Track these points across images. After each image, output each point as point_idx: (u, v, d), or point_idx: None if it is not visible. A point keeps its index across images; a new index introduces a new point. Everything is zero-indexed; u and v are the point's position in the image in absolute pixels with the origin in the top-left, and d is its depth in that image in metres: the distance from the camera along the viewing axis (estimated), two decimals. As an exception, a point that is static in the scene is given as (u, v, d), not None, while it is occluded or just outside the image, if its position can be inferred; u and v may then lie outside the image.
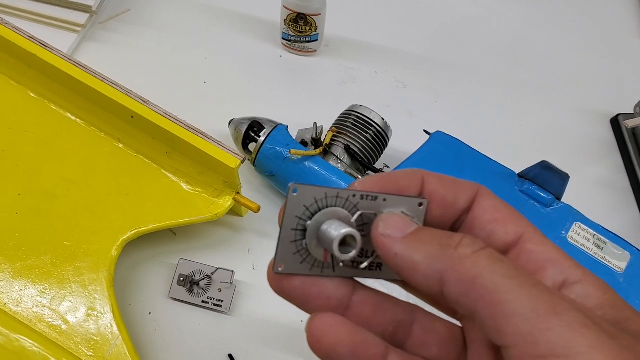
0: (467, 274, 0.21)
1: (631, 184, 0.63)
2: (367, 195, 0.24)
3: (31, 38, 0.51)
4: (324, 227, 0.23)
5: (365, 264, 0.24)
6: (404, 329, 0.25)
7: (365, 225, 0.24)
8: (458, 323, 0.26)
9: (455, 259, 0.21)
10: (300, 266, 0.24)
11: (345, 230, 0.23)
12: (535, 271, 0.23)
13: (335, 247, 0.22)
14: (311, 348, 0.22)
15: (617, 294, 0.23)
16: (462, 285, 0.21)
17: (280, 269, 0.23)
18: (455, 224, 0.24)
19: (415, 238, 0.22)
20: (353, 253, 0.23)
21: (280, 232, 0.23)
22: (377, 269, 0.25)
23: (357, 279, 0.25)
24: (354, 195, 0.24)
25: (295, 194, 0.23)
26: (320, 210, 0.23)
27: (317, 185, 0.23)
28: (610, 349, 0.19)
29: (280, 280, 0.24)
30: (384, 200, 0.24)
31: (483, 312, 0.20)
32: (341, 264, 0.24)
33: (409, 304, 0.25)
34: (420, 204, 0.24)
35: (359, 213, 0.24)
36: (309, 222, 0.23)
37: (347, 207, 0.24)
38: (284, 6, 0.62)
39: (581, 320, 0.20)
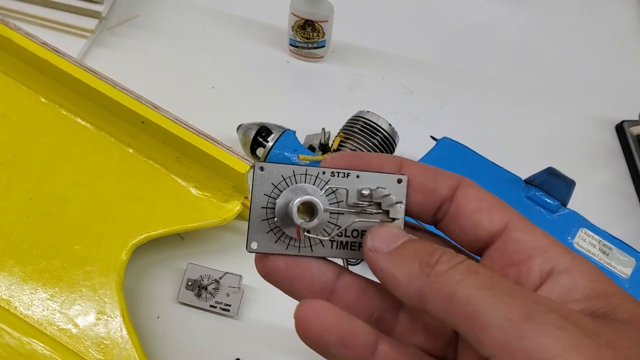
0: (443, 290, 0.21)
1: (636, 190, 0.64)
2: (339, 172, 0.24)
3: (43, 44, 0.51)
4: (292, 203, 0.23)
5: (343, 241, 0.24)
6: (391, 315, 0.25)
7: (339, 202, 0.24)
8: None
9: (431, 277, 0.21)
10: (275, 245, 0.24)
11: (302, 197, 0.23)
12: (522, 261, 0.23)
13: (294, 214, 0.23)
14: (299, 335, 0.22)
15: (608, 279, 0.22)
16: (440, 302, 0.21)
17: (254, 247, 0.23)
18: (438, 213, 0.24)
19: (398, 254, 0.23)
20: (314, 221, 0.23)
21: (250, 210, 0.23)
22: (360, 248, 0.24)
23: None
24: (324, 172, 0.24)
25: (262, 172, 0.23)
26: (288, 187, 0.23)
27: (285, 163, 0.24)
28: (586, 349, 0.19)
29: (265, 261, 0.24)
30: (357, 177, 0.24)
31: (462, 326, 0.20)
32: (306, 234, 0.24)
33: None
34: (400, 180, 0.24)
35: (327, 187, 0.23)
36: (278, 200, 0.23)
37: (318, 184, 0.24)
38: (292, 13, 0.62)
39: (555, 322, 0.19)
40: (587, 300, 0.22)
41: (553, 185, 0.52)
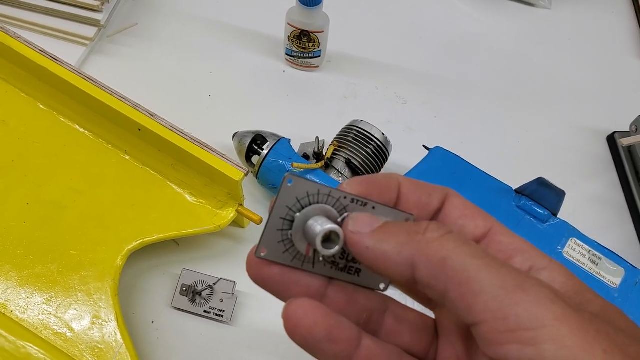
0: (436, 256, 0.22)
1: (626, 201, 0.64)
2: (358, 200, 0.25)
3: (42, 52, 0.52)
4: (311, 221, 0.24)
5: (342, 264, 0.25)
6: (377, 317, 0.26)
7: None
8: (431, 313, 0.27)
9: (423, 243, 0.22)
10: (282, 255, 0.24)
11: (330, 226, 0.24)
12: (504, 259, 0.24)
13: (319, 241, 0.23)
14: (288, 332, 0.23)
15: (581, 281, 0.24)
16: (432, 268, 0.22)
17: (262, 254, 0.24)
18: None
19: (383, 230, 0.23)
20: (335, 249, 0.23)
21: (268, 219, 0.24)
22: (356, 274, 0.26)
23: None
24: (345, 197, 0.24)
25: (289, 185, 0.24)
26: (310, 204, 0.24)
27: (312, 180, 0.24)
28: (574, 322, 0.20)
29: (261, 266, 0.24)
30: (373, 208, 0.25)
31: (453, 293, 0.21)
32: (321, 259, 0.25)
33: (382, 294, 0.27)
34: (407, 220, 0.25)
35: (346, 214, 0.24)
36: (297, 214, 0.24)
37: (337, 207, 0.24)
38: (288, 23, 0.63)
39: (547, 295, 0.21)
40: (565, 293, 0.23)
41: (543, 195, 0.53)
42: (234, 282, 0.52)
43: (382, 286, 0.26)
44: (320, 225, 0.24)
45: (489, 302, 0.20)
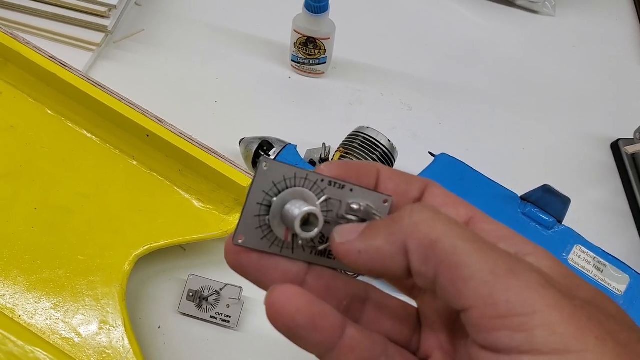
0: (426, 238, 0.21)
1: (631, 208, 0.65)
2: (335, 183, 0.24)
3: (51, 58, 0.53)
4: (289, 205, 0.23)
5: (322, 247, 0.25)
6: (358, 304, 0.26)
7: (329, 212, 0.24)
8: (413, 302, 0.27)
9: (412, 227, 0.22)
10: (261, 242, 0.24)
11: (308, 208, 0.23)
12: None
13: (297, 224, 0.23)
14: (270, 319, 0.22)
15: (567, 267, 0.24)
16: (423, 251, 0.21)
17: (240, 241, 0.24)
18: None
19: (369, 230, 0.23)
20: (314, 232, 0.23)
21: (245, 204, 0.23)
22: (336, 258, 0.25)
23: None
24: (322, 180, 0.24)
25: (265, 169, 0.23)
26: (287, 188, 0.24)
27: (289, 164, 0.24)
28: (566, 308, 0.20)
29: (239, 253, 0.24)
30: (351, 190, 0.24)
31: (443, 277, 0.21)
32: (300, 242, 0.24)
33: (363, 282, 0.26)
34: (385, 201, 0.25)
35: (325, 197, 0.24)
36: (274, 199, 0.24)
37: (315, 190, 0.24)
38: (294, 30, 0.64)
39: (538, 281, 0.20)
40: (553, 277, 0.23)
41: (548, 202, 0.53)
42: (241, 287, 0.52)
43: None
44: (298, 209, 0.23)
45: (479, 287, 0.20)
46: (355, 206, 0.24)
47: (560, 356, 0.19)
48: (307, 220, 0.23)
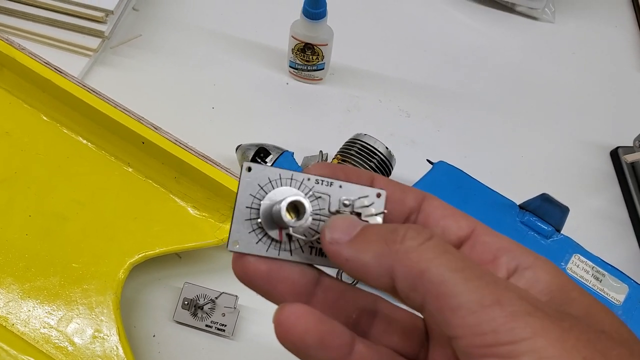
0: (415, 267, 0.21)
1: (630, 217, 0.64)
2: (323, 180, 0.24)
3: (47, 64, 0.52)
4: (277, 205, 0.23)
5: (315, 238, 0.24)
6: (367, 317, 0.26)
7: (321, 209, 0.24)
8: (420, 314, 0.27)
9: (401, 254, 0.22)
10: (257, 246, 0.24)
11: (293, 197, 0.23)
12: (489, 260, 0.24)
13: (284, 213, 0.23)
14: (279, 339, 0.22)
15: (568, 278, 0.24)
16: (410, 280, 0.21)
17: (236, 247, 0.23)
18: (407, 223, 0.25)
19: (361, 239, 0.23)
20: (303, 219, 0.23)
21: (234, 210, 0.24)
22: None
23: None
24: (309, 179, 0.24)
25: (249, 173, 0.24)
26: (274, 189, 0.24)
27: (275, 166, 0.24)
28: (553, 332, 0.20)
29: (244, 264, 0.24)
30: (340, 187, 0.24)
31: (431, 305, 0.21)
32: (296, 240, 0.24)
33: (371, 293, 0.26)
34: (379, 195, 0.25)
35: (311, 192, 0.24)
36: (263, 201, 0.24)
37: (302, 189, 0.24)
38: (292, 36, 0.63)
39: (525, 309, 0.20)
40: (549, 292, 0.23)
41: (547, 211, 0.53)
42: (236, 296, 0.51)
43: None
44: (284, 201, 0.23)
45: (466, 317, 0.20)
46: (347, 201, 0.24)
47: None
48: (297, 213, 0.23)
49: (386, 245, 0.22)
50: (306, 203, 0.23)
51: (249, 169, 0.24)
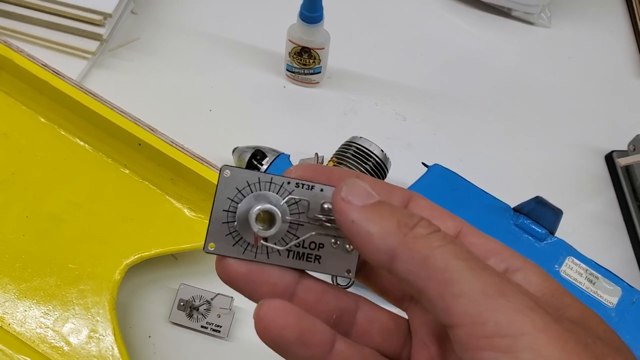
0: (420, 252, 0.21)
1: (624, 220, 0.65)
2: (303, 184, 0.24)
3: (44, 66, 0.53)
4: (252, 209, 0.23)
5: (300, 252, 0.24)
6: (348, 317, 0.25)
7: (300, 213, 0.24)
8: (403, 314, 0.27)
9: (409, 237, 0.22)
10: (233, 248, 0.24)
11: (262, 205, 0.23)
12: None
13: (252, 222, 0.23)
14: (259, 334, 0.22)
15: (558, 283, 0.23)
16: (413, 264, 0.21)
17: (211, 249, 0.24)
18: None
19: (374, 209, 0.23)
20: (271, 230, 0.23)
21: (211, 212, 0.24)
22: (316, 261, 0.25)
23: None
24: (289, 183, 0.24)
25: (227, 176, 0.24)
26: (252, 193, 0.24)
27: (253, 170, 0.24)
28: (554, 331, 0.20)
29: (225, 265, 0.24)
30: (321, 190, 0.24)
31: (432, 291, 0.21)
32: (262, 242, 0.24)
33: (353, 294, 0.26)
34: None
35: (288, 197, 0.24)
36: (239, 204, 0.24)
37: (282, 193, 0.24)
38: (289, 40, 0.64)
39: (527, 303, 0.20)
40: (541, 296, 0.23)
41: (541, 213, 0.53)
42: (232, 297, 0.52)
43: (348, 273, 0.25)
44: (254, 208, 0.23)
45: (468, 305, 0.20)
46: (327, 206, 0.24)
47: None
48: (272, 220, 0.23)
49: (397, 226, 0.22)
50: (277, 211, 0.23)
51: (228, 172, 0.24)
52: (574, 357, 0.19)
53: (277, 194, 0.24)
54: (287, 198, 0.24)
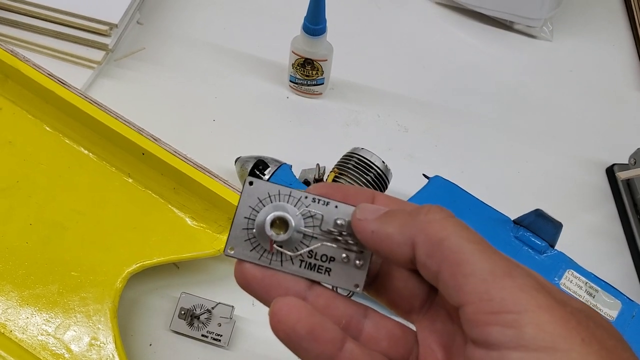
0: (435, 235, 0.23)
1: (625, 233, 0.65)
2: (320, 199, 0.26)
3: (50, 75, 0.53)
4: (268, 217, 0.26)
5: (312, 262, 0.26)
6: (357, 323, 0.27)
7: (315, 227, 0.26)
8: (411, 326, 0.28)
9: (424, 223, 0.24)
10: (250, 253, 0.26)
11: (278, 212, 0.25)
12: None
13: (267, 226, 0.25)
14: (272, 329, 0.24)
15: (553, 285, 0.25)
16: (429, 246, 0.23)
17: (231, 252, 0.26)
18: None
19: (387, 215, 0.25)
20: (283, 236, 0.25)
21: (233, 218, 0.26)
22: (326, 273, 0.26)
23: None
24: (306, 197, 0.26)
25: (250, 186, 0.26)
26: (271, 204, 0.26)
27: (275, 183, 0.26)
28: (557, 311, 0.21)
29: (242, 269, 0.26)
30: (336, 207, 0.26)
31: (446, 272, 0.23)
32: (277, 247, 0.26)
33: (361, 304, 0.27)
34: None
35: (305, 209, 0.26)
36: (259, 213, 0.26)
37: (299, 206, 0.26)
38: (293, 51, 0.65)
39: (533, 284, 0.22)
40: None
41: (541, 226, 0.54)
42: (232, 306, 0.52)
43: (356, 287, 0.26)
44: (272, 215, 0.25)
45: (477, 284, 0.22)
46: (340, 222, 0.26)
47: (547, 354, 0.20)
48: (286, 228, 0.25)
49: (410, 217, 0.24)
50: (290, 218, 0.25)
51: (251, 183, 0.26)
52: (575, 335, 0.21)
53: (294, 206, 0.26)
54: (303, 210, 0.26)
